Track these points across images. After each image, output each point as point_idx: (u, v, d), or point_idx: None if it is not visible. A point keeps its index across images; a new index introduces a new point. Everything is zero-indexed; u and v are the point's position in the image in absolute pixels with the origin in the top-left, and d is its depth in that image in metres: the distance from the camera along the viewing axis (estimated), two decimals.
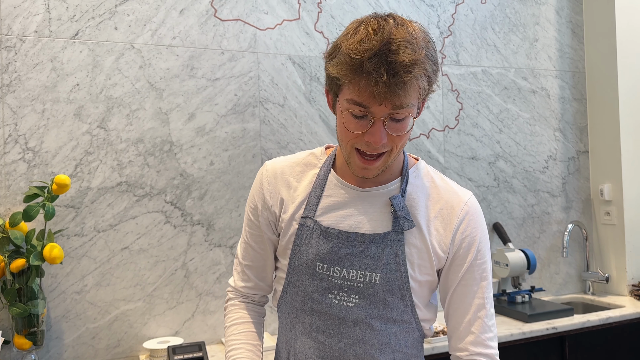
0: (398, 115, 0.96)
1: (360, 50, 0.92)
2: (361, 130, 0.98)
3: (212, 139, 2.23)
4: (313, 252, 1.08)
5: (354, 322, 1.06)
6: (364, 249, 1.06)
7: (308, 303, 1.09)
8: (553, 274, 2.89)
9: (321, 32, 2.42)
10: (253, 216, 1.18)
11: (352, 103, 0.96)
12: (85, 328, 2.03)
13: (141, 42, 2.13)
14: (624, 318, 2.43)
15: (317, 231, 1.08)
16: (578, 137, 2.99)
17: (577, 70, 2.99)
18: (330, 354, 1.07)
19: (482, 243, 1.10)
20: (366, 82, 0.92)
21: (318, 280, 1.07)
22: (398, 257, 1.05)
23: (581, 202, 2.99)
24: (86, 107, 2.05)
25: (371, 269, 1.05)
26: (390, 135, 0.98)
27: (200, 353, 1.86)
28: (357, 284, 1.05)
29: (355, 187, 1.10)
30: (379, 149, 0.99)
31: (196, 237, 2.20)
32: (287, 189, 1.14)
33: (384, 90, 0.92)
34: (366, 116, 0.96)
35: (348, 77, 0.94)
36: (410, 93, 0.94)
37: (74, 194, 2.02)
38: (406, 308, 1.07)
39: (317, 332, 1.08)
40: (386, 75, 0.91)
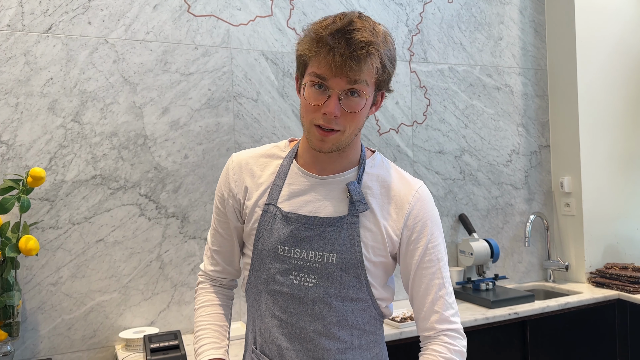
0: (353, 89, 1.05)
1: (324, 27, 1.04)
2: (319, 102, 1.06)
3: (186, 132, 2.27)
4: (275, 236, 1.15)
5: (313, 301, 1.13)
6: (322, 232, 1.13)
7: (271, 285, 1.16)
8: (516, 263, 3.02)
9: (293, 29, 2.48)
10: (220, 204, 1.25)
11: (313, 76, 1.06)
12: (61, 319, 2.06)
13: (115, 37, 2.15)
14: (581, 303, 2.56)
15: (279, 216, 1.15)
16: (540, 132, 3.12)
17: (539, 68, 3.12)
18: (292, 331, 1.15)
19: (433, 227, 1.18)
20: (325, 54, 1.03)
21: (280, 263, 1.15)
22: (353, 238, 1.13)
23: (542, 194, 3.12)
24: (60, 101, 2.07)
25: (328, 249, 1.12)
26: (344, 112, 1.07)
27: (176, 341, 1.91)
28: (315, 265, 1.13)
29: (315, 175, 1.18)
30: (332, 123, 1.07)
31: (171, 229, 2.24)
32: (251, 177, 1.21)
33: (340, 61, 1.01)
34: (324, 89, 1.06)
35: (311, 51, 1.05)
36: (363, 69, 1.04)
37: (48, 187, 2.04)
38: (361, 286, 1.14)
39: (279, 311, 1.16)
40: (344, 48, 1.01)
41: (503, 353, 2.39)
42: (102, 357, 2.11)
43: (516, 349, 2.42)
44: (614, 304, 2.64)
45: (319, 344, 1.14)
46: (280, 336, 1.16)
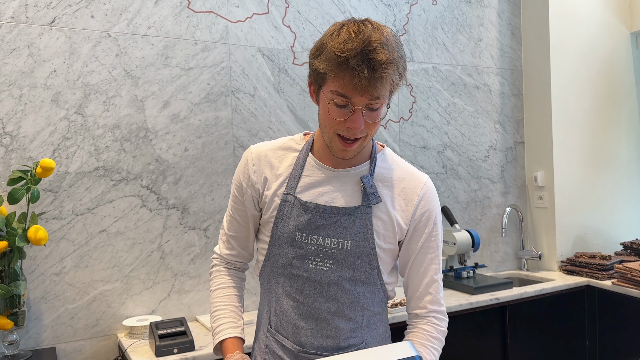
0: (374, 105, 1.13)
1: (345, 49, 1.08)
2: (343, 117, 1.14)
3: (186, 126, 2.32)
4: (293, 224, 1.23)
5: (328, 284, 1.23)
6: (338, 220, 1.22)
7: (288, 268, 1.25)
8: (493, 253, 3.20)
9: (288, 27, 2.56)
10: (238, 193, 1.33)
11: (336, 94, 1.12)
12: (64, 308, 2.09)
13: (117, 31, 2.19)
14: (554, 290, 2.75)
15: (297, 205, 1.23)
16: (515, 129, 3.31)
17: (515, 68, 3.30)
18: (307, 312, 1.24)
19: (437, 217, 1.30)
20: (350, 77, 1.08)
21: (297, 248, 1.23)
22: (366, 227, 1.23)
23: (517, 187, 3.31)
24: (63, 93, 2.09)
25: (343, 236, 1.22)
26: (367, 122, 1.15)
27: (183, 327, 1.97)
28: (331, 250, 1.22)
29: (331, 168, 1.26)
30: (357, 134, 1.16)
31: (171, 220, 2.29)
32: (270, 169, 1.29)
33: (365, 83, 1.08)
34: (347, 106, 1.13)
35: (334, 72, 1.10)
36: (386, 86, 1.11)
37: (52, 178, 2.06)
38: (373, 271, 1.25)
39: (295, 292, 1.24)
40: (367, 71, 1.07)
41: (485, 335, 2.55)
42: (104, 345, 2.15)
43: (496, 332, 2.59)
44: (584, 289, 2.85)
45: (332, 323, 1.24)
46: (296, 316, 1.24)
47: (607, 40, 3.30)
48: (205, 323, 2.20)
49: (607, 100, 3.30)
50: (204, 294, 2.35)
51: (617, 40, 3.34)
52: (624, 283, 2.66)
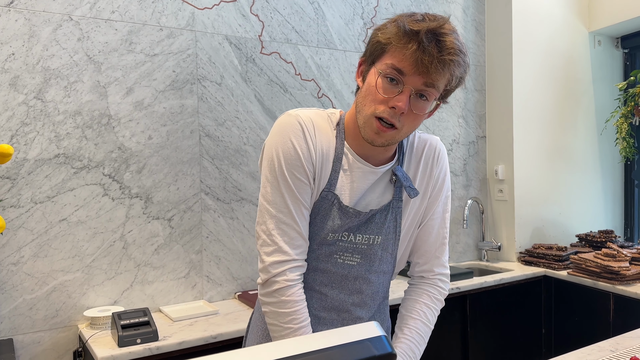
0: (426, 91, 1.05)
1: (418, 24, 1.03)
2: (390, 94, 1.05)
3: (151, 113, 2.28)
4: (329, 225, 1.14)
5: (355, 277, 1.21)
6: (370, 218, 1.17)
7: (313, 263, 1.18)
8: (454, 244, 3.27)
9: (257, 15, 2.54)
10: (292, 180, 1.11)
11: (391, 67, 1.04)
12: (22, 299, 2.03)
13: (79, 15, 2.13)
14: (513, 279, 2.84)
15: (336, 206, 1.14)
16: (478, 124, 3.38)
17: (478, 64, 3.37)
18: (330, 304, 1.21)
19: (447, 179, 1.27)
20: (415, 50, 1.01)
21: (327, 246, 1.17)
22: (396, 221, 1.21)
23: (479, 180, 3.39)
24: (22, 77, 2.02)
25: (375, 233, 1.18)
26: (409, 112, 1.06)
27: (146, 317, 1.94)
28: (361, 246, 1.18)
29: (371, 166, 1.16)
30: (395, 118, 1.05)
31: (134, 209, 2.25)
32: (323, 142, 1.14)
33: (429, 61, 1.01)
34: (398, 84, 1.05)
35: (400, 42, 1.03)
36: (444, 74, 1.04)
37: (10, 165, 2.00)
38: (392, 261, 1.26)
39: (320, 285, 1.20)
40: (435, 49, 1.01)
41: (446, 323, 2.61)
42: (64, 336, 2.10)
43: (457, 320, 2.65)
44: (541, 279, 2.95)
45: (354, 314, 1.24)
46: (319, 307, 1.21)
47: (567, 39, 3.40)
48: (169, 314, 2.18)
49: (566, 97, 3.41)
50: (167, 284, 2.32)
51: (577, 39, 3.45)
52: (578, 273, 2.77)
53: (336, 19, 2.78)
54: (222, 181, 2.44)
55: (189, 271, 2.37)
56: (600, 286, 2.64)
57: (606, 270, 2.62)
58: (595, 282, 2.66)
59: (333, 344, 0.63)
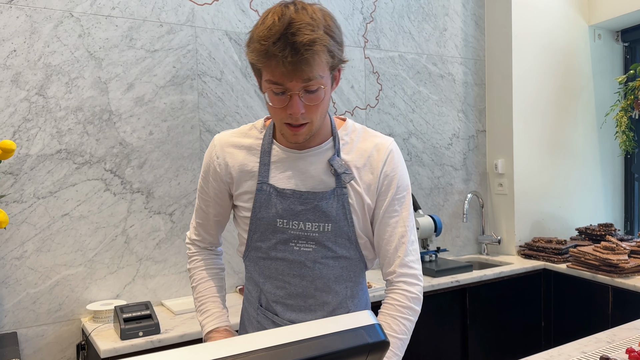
0: (311, 87, 1.10)
1: (267, 36, 1.06)
2: (282, 105, 1.12)
3: (151, 109, 2.30)
4: (273, 211, 1.24)
5: (313, 263, 1.25)
6: (316, 205, 1.23)
7: (272, 252, 1.26)
8: (454, 237, 3.28)
9: (256, 11, 2.55)
10: (204, 183, 1.34)
11: (270, 83, 1.11)
12: (26, 293, 2.06)
13: (80, 11, 2.14)
14: (512, 273, 2.86)
15: (274, 193, 1.23)
16: (477, 118, 3.39)
17: (478, 59, 3.37)
18: (295, 290, 1.27)
19: (401, 179, 1.27)
20: (275, 64, 1.07)
21: (280, 234, 1.24)
22: (344, 208, 1.24)
23: (479, 174, 3.40)
24: (24, 73, 2.04)
25: (324, 220, 1.23)
26: (308, 106, 1.12)
27: (148, 311, 1.96)
28: (312, 234, 1.24)
29: (295, 151, 1.25)
30: (299, 120, 1.13)
31: (136, 204, 2.27)
32: (235, 159, 1.28)
33: (291, 68, 1.06)
34: (284, 92, 1.11)
35: (261, 62, 1.09)
36: (314, 67, 1.08)
37: (12, 160, 2.02)
38: (352, 246, 1.28)
39: (282, 274, 1.27)
40: (290, 55, 1.05)
41: (446, 316, 2.63)
42: (67, 330, 2.13)
43: (457, 313, 2.67)
44: (541, 273, 2.96)
45: (320, 299, 1.27)
46: (285, 295, 1.27)
47: (567, 32, 3.40)
48: (170, 307, 2.20)
49: (565, 91, 3.42)
50: (169, 278, 2.34)
51: (576, 33, 3.45)
52: (578, 266, 2.78)
53: (336, 14, 2.79)
54: None
55: None
56: (599, 279, 2.65)
57: (605, 263, 2.63)
58: (594, 275, 2.67)
59: (327, 331, 0.65)
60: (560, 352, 1.55)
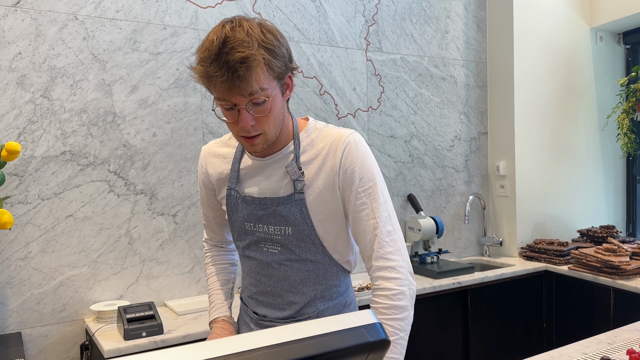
0: (256, 99, 1.12)
1: (206, 57, 1.09)
2: (233, 119, 1.15)
3: (155, 111, 2.32)
4: (241, 215, 1.32)
5: (278, 264, 1.30)
6: (274, 210, 1.26)
7: (247, 252, 1.36)
8: (456, 239, 3.29)
9: (259, 14, 2.57)
10: (200, 191, 1.47)
11: (218, 100, 1.15)
12: (30, 294, 2.07)
13: (85, 14, 2.16)
14: (514, 274, 2.87)
15: (240, 198, 1.31)
16: (479, 120, 3.40)
17: (480, 61, 3.38)
18: (264, 289, 1.35)
19: (363, 171, 1.23)
20: (216, 83, 1.10)
21: (250, 235, 1.33)
22: (302, 213, 1.24)
23: (480, 176, 3.41)
24: (29, 76, 2.06)
25: (284, 224, 1.26)
26: (257, 118, 1.14)
27: (151, 311, 1.98)
28: (276, 237, 1.28)
29: (258, 158, 1.29)
30: (251, 132, 1.16)
31: (139, 205, 2.29)
32: (214, 166, 1.37)
33: (228, 85, 1.08)
34: (232, 107, 1.14)
35: (205, 83, 1.13)
36: (252, 82, 1.09)
37: (17, 162, 2.04)
38: (317, 250, 1.28)
39: (254, 272, 1.36)
40: (225, 74, 1.07)
41: (447, 318, 2.64)
42: (71, 330, 2.14)
43: (458, 314, 2.68)
44: (542, 274, 2.97)
45: (287, 298, 1.32)
46: (256, 292, 1.37)
47: (568, 35, 3.41)
48: (174, 308, 2.22)
49: (567, 93, 3.43)
50: (172, 279, 2.36)
51: (578, 35, 3.46)
52: (579, 268, 2.79)
53: (338, 17, 2.81)
54: None
55: (193, 266, 2.41)
56: (600, 281, 2.66)
57: (607, 265, 2.64)
58: (596, 277, 2.68)
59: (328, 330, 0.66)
60: (562, 353, 1.55)
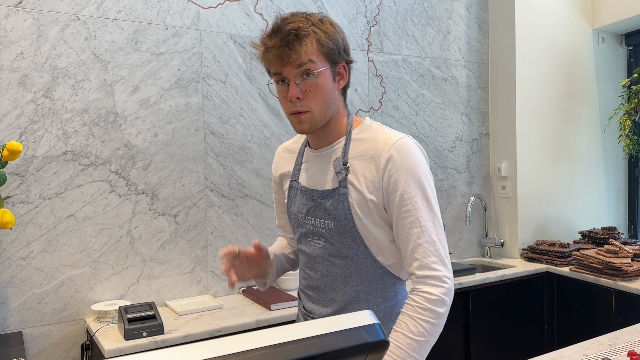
0: (303, 71, 1.19)
1: (267, 34, 1.22)
2: (284, 94, 1.23)
3: (156, 111, 2.32)
4: (297, 206, 1.38)
5: (322, 259, 1.33)
6: (320, 202, 1.30)
7: (299, 245, 1.41)
8: (457, 240, 3.29)
9: (260, 14, 2.57)
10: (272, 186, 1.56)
11: (273, 75, 1.23)
12: (31, 293, 2.08)
13: (87, 14, 2.16)
14: (515, 275, 2.86)
15: (298, 189, 1.37)
16: (481, 121, 3.40)
17: (481, 62, 3.38)
18: (311, 283, 1.37)
19: (409, 178, 1.20)
20: (271, 55, 1.19)
21: (301, 228, 1.38)
22: (344, 207, 1.26)
23: (482, 177, 3.41)
24: (31, 76, 2.06)
25: (327, 217, 1.29)
26: (305, 92, 1.20)
27: (152, 311, 1.98)
28: (321, 230, 1.31)
29: (313, 150, 1.35)
30: (298, 106, 1.22)
31: (141, 206, 2.29)
32: (284, 162, 1.47)
33: (279, 53, 1.18)
34: (283, 80, 1.22)
35: (263, 57, 1.23)
36: (301, 52, 1.18)
37: (18, 161, 2.04)
38: (359, 249, 1.27)
39: (304, 265, 1.40)
40: (278, 41, 1.18)
41: (449, 319, 2.62)
42: (72, 330, 2.15)
43: (460, 315, 2.68)
44: (544, 276, 2.97)
45: (329, 295, 1.33)
46: (306, 285, 1.40)
47: (570, 36, 3.41)
48: (174, 308, 2.22)
49: (569, 94, 3.42)
50: (173, 279, 2.36)
51: (580, 37, 3.45)
52: (580, 269, 2.79)
53: (339, 17, 2.81)
54: (226, 178, 2.48)
55: (194, 266, 2.41)
56: (602, 282, 2.65)
57: (608, 267, 2.63)
58: (597, 279, 2.67)
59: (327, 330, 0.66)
60: (562, 355, 1.55)
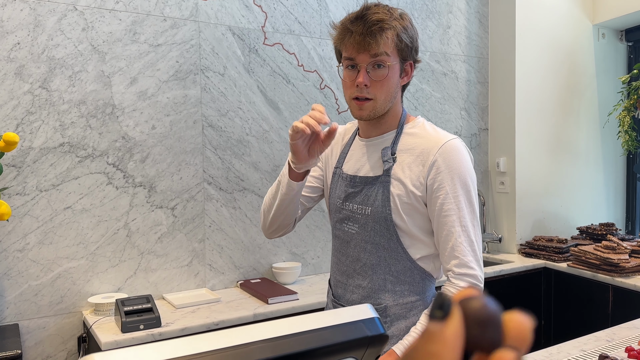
0: (377, 61, 1.25)
1: (348, 18, 1.28)
2: (352, 79, 1.28)
3: (154, 103, 2.30)
4: (337, 193, 1.41)
5: (354, 245, 1.36)
6: (362, 189, 1.34)
7: (334, 230, 1.44)
8: None
9: (259, 6, 2.55)
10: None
11: (345, 59, 1.29)
12: (28, 285, 2.07)
13: (84, 5, 2.14)
14: (513, 271, 2.86)
15: (342, 176, 1.41)
16: (480, 116, 3.39)
17: (481, 56, 3.37)
18: (342, 268, 1.40)
19: (455, 178, 1.25)
20: (348, 38, 1.25)
21: (338, 213, 1.41)
22: (384, 195, 1.30)
23: (480, 173, 3.40)
24: (27, 66, 2.05)
25: (365, 203, 1.33)
26: (373, 82, 1.26)
27: (149, 304, 1.97)
28: (357, 215, 1.34)
29: (362, 138, 1.40)
30: (364, 92, 1.27)
31: (138, 198, 2.28)
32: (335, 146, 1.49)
33: (360, 39, 1.23)
34: (355, 67, 1.27)
35: (339, 39, 1.28)
36: (380, 43, 1.23)
37: (15, 153, 2.03)
38: (392, 237, 1.29)
39: (337, 251, 1.43)
40: (362, 27, 1.23)
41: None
42: (69, 322, 2.14)
43: None
44: (541, 271, 2.97)
45: (357, 281, 1.35)
46: (337, 271, 1.43)
47: (571, 31, 3.40)
48: (172, 301, 2.21)
49: (569, 90, 3.41)
50: (170, 272, 2.35)
51: (580, 32, 3.44)
52: (578, 265, 2.79)
53: (339, 10, 2.79)
54: (224, 171, 2.47)
55: (191, 259, 2.40)
56: (599, 278, 2.65)
57: (605, 263, 2.63)
58: (595, 274, 2.67)
59: (326, 324, 0.65)
60: (560, 350, 1.55)
